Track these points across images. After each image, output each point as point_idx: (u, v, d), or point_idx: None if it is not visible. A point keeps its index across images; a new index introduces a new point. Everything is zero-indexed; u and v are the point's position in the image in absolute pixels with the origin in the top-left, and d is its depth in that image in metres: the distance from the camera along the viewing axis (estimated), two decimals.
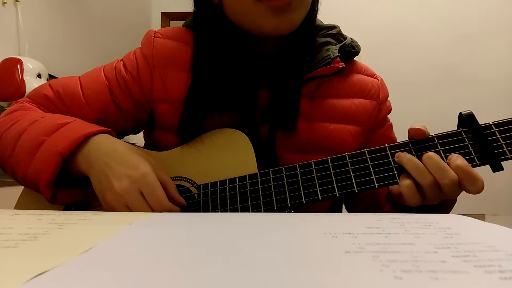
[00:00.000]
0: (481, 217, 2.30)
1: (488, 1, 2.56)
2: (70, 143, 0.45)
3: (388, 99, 0.63)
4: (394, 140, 0.64)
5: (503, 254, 0.18)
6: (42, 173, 0.44)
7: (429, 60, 2.59)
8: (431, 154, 0.42)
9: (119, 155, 0.45)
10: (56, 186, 0.46)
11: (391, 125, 0.65)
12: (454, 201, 0.48)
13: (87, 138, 0.46)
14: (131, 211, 0.42)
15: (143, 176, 0.43)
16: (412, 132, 0.45)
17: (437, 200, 0.43)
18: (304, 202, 0.44)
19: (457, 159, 0.41)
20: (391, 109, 0.64)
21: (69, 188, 0.49)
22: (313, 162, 0.46)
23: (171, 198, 0.44)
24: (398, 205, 0.50)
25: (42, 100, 0.56)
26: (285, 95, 0.54)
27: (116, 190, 0.42)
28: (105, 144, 0.46)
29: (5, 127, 0.51)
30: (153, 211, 0.42)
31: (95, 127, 0.48)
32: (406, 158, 0.43)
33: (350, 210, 0.66)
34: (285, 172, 0.46)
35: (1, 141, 0.51)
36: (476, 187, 0.40)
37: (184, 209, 0.46)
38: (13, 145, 0.48)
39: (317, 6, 0.56)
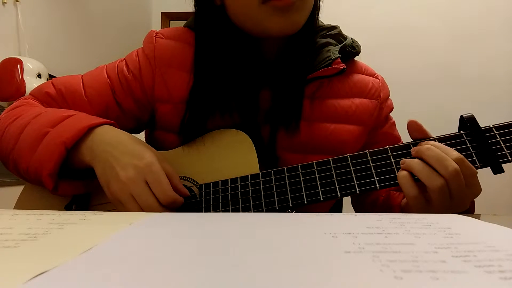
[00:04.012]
0: (477, 217, 2.29)
1: (488, 1, 2.56)
2: (74, 134, 0.45)
3: (389, 97, 0.63)
4: (398, 137, 0.65)
5: (503, 254, 0.18)
6: (45, 163, 0.44)
7: (429, 60, 2.59)
8: (429, 146, 0.42)
9: (124, 145, 0.45)
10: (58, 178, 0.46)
11: (393, 123, 0.65)
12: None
13: (91, 129, 0.47)
14: (135, 200, 0.42)
15: (148, 166, 0.43)
16: (412, 124, 0.46)
17: (446, 203, 0.40)
18: (305, 202, 0.44)
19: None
20: (392, 108, 0.64)
21: (71, 180, 0.49)
22: (315, 163, 0.46)
23: (174, 189, 0.44)
24: None
25: (45, 98, 0.56)
26: (287, 96, 0.54)
27: (122, 179, 0.42)
28: (109, 135, 0.46)
29: (8, 121, 0.51)
30: (158, 201, 0.42)
31: (99, 119, 0.49)
32: (412, 162, 0.42)
33: (359, 211, 0.66)
34: (287, 173, 0.46)
35: (4, 135, 0.51)
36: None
37: (185, 208, 0.46)
38: (16, 138, 0.48)
39: (319, 7, 0.56)
